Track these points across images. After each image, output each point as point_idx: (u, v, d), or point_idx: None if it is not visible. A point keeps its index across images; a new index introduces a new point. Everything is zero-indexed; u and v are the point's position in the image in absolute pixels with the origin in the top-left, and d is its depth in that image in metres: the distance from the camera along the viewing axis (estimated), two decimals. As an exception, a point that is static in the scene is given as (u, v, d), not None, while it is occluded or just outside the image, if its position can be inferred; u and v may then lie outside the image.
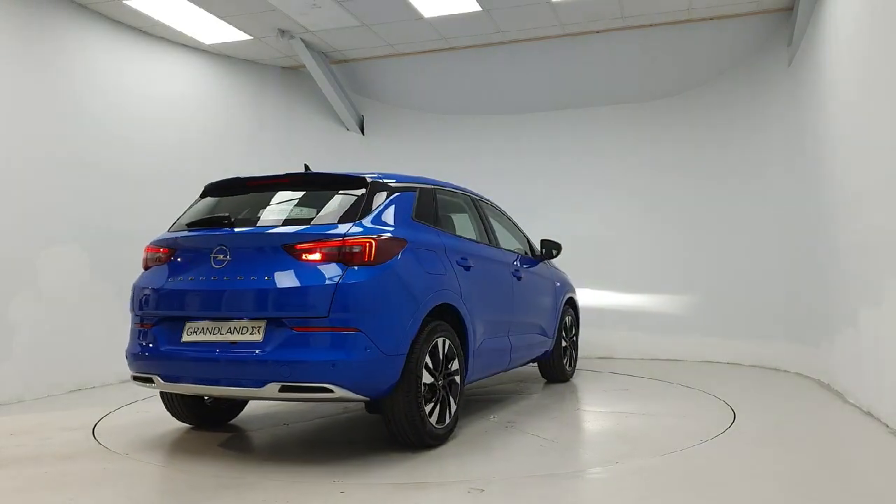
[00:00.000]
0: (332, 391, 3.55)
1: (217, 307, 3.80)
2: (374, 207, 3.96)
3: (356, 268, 3.66)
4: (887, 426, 4.30)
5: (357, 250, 3.69)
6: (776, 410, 5.21)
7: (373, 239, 3.75)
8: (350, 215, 3.87)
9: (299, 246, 3.71)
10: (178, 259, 4.04)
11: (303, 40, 7.79)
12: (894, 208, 4.07)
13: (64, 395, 6.08)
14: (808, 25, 6.42)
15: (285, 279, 3.66)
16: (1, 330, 5.75)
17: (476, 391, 6.11)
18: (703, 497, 3.19)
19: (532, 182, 8.57)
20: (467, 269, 4.54)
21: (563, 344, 6.38)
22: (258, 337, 3.67)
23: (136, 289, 4.17)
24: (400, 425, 3.86)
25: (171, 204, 5.15)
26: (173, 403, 4.58)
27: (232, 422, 4.96)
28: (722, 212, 7.87)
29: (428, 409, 3.91)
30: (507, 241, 5.71)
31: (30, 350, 5.92)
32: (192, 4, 6.72)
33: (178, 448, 4.20)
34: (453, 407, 4.19)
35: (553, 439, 4.21)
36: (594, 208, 8.44)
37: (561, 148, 8.62)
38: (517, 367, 5.67)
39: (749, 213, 7.69)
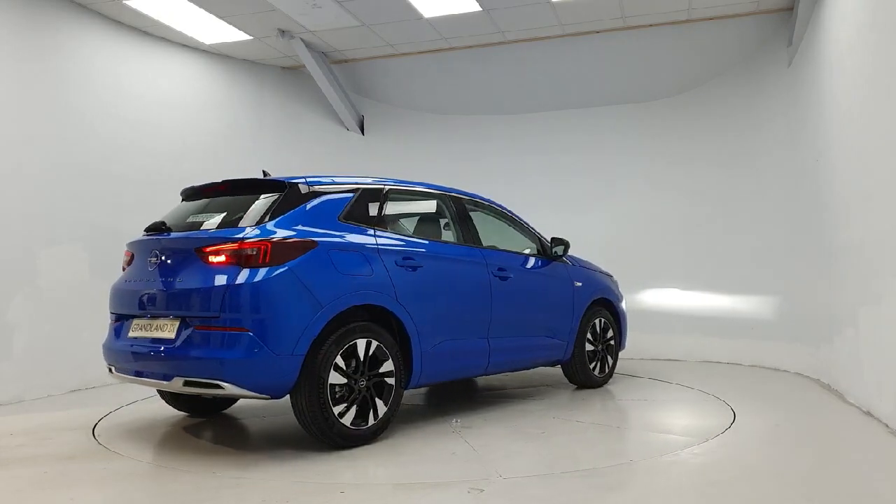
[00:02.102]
0: (222, 387, 3.76)
1: (148, 306, 4.16)
2: (287, 210, 4.10)
3: (250, 270, 3.83)
4: (887, 426, 4.30)
5: (252, 253, 3.86)
6: (776, 410, 5.21)
7: (268, 242, 3.89)
8: (259, 219, 4.05)
9: (206, 249, 3.96)
10: (133, 262, 4.46)
11: (303, 40, 7.79)
12: (894, 208, 4.08)
13: (64, 395, 6.08)
14: (808, 26, 6.42)
15: (191, 281, 3.95)
16: (1, 330, 5.75)
17: (484, 391, 6.10)
18: (703, 497, 3.19)
19: (532, 182, 8.57)
20: (413, 269, 4.49)
21: (590, 348, 6.04)
22: (171, 334, 3.97)
23: (111, 289, 4.61)
24: (306, 424, 3.96)
25: (172, 204, 5.16)
26: (164, 392, 4.89)
27: (228, 413, 4.99)
28: (721, 211, 7.87)
29: (339, 409, 3.96)
30: (508, 241, 5.62)
31: (30, 350, 5.93)
32: (192, 4, 6.72)
33: (179, 448, 4.21)
34: (382, 409, 4.18)
35: (478, 447, 4.07)
36: (593, 208, 8.43)
37: (561, 148, 8.61)
38: (509, 370, 5.46)
39: (748, 212, 7.69)
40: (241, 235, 3.93)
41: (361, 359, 4.09)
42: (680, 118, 8.20)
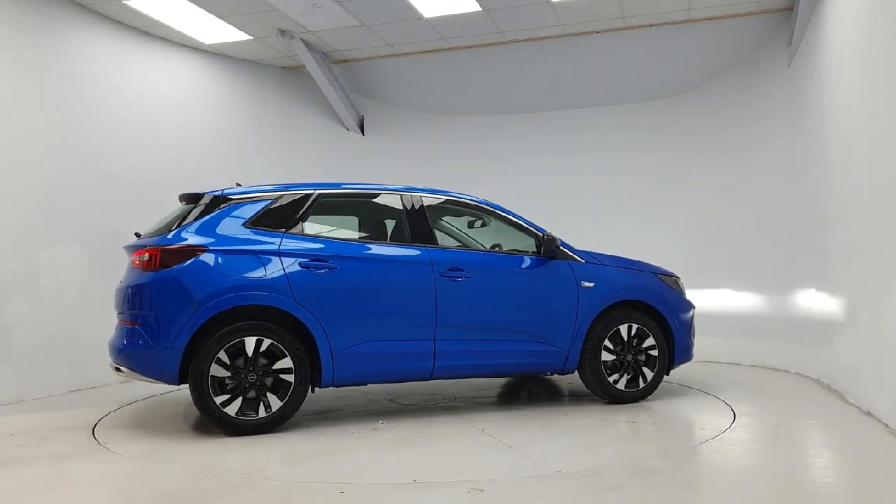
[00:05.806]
0: (122, 372, 4.55)
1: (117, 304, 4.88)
2: (194, 220, 4.62)
3: (144, 273, 4.49)
4: (887, 426, 4.30)
5: (147, 258, 4.49)
6: (776, 411, 5.21)
7: (159, 249, 4.46)
8: (170, 227, 4.65)
9: (132, 255, 4.71)
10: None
11: (303, 40, 7.79)
12: (894, 208, 4.08)
13: (64, 395, 6.08)
14: (808, 25, 6.43)
15: (123, 282, 4.72)
16: (1, 330, 5.75)
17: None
18: (703, 497, 3.19)
19: (531, 182, 8.56)
20: (325, 270, 4.65)
21: (608, 357, 5.31)
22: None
23: None
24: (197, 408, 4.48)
25: (172, 205, 5.17)
26: None
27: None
28: (721, 212, 7.86)
29: (221, 399, 4.38)
30: (496, 239, 5.53)
31: (30, 350, 5.92)
32: (192, 4, 6.71)
33: (178, 448, 4.21)
34: (275, 403, 4.48)
35: (322, 451, 4.07)
36: (593, 208, 8.42)
37: (560, 148, 8.60)
38: (473, 375, 5.16)
39: (748, 212, 7.68)
40: (145, 243, 4.59)
41: (249, 355, 4.44)
42: (680, 118, 8.19)
